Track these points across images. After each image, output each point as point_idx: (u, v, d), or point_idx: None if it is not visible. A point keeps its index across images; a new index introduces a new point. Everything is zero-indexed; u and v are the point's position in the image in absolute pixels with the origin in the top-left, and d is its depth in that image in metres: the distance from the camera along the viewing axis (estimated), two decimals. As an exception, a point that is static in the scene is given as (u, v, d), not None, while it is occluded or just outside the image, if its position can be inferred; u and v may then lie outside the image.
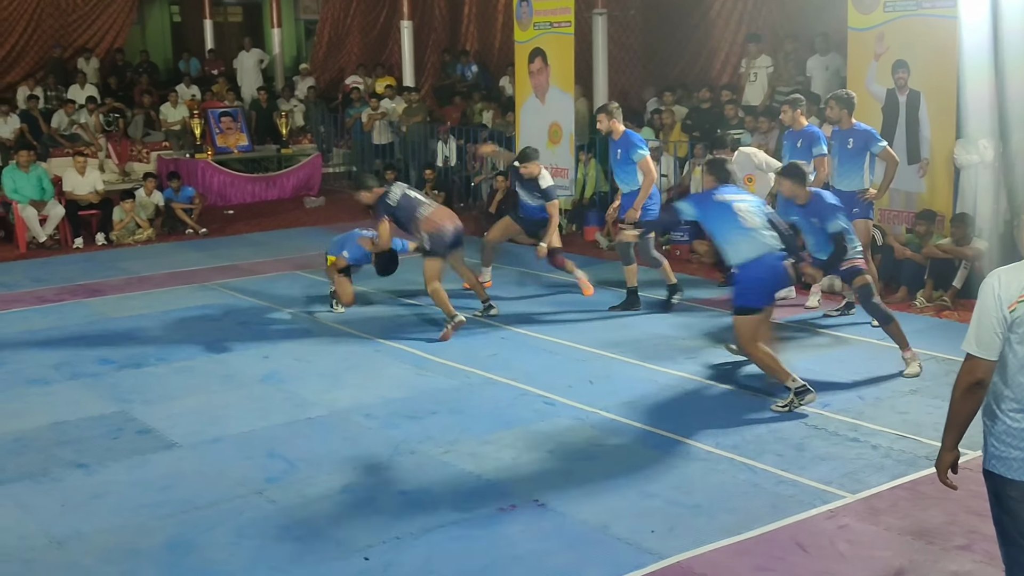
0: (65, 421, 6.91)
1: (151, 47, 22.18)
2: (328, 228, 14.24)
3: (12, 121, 16.32)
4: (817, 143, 9.21)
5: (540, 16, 13.49)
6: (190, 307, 9.97)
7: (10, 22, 19.76)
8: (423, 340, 8.64)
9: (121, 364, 8.17)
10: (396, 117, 16.86)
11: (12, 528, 5.35)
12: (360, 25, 20.36)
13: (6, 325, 9.41)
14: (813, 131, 9.32)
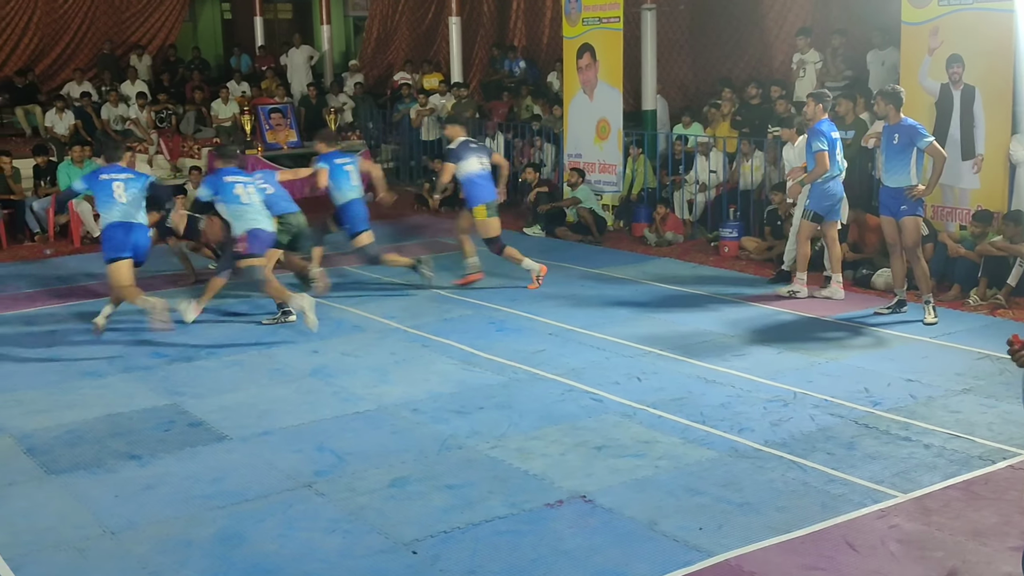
0: (119, 413, 7.02)
1: (202, 44, 22.41)
2: (376, 222, 14.30)
3: (67, 117, 16.58)
4: (819, 138, 9.26)
5: (589, 12, 13.46)
6: (241, 301, 10.06)
7: (65, 20, 20.06)
8: (471, 336, 8.66)
9: (173, 358, 8.28)
10: (444, 113, 16.89)
11: (68, 517, 5.44)
12: (409, 21, 20.42)
13: (62, 319, 9.57)
14: (817, 128, 9.35)
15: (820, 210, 9.48)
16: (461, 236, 10.68)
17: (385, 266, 10.60)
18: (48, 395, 7.41)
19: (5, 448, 6.42)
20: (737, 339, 8.44)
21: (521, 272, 10.47)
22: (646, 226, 12.71)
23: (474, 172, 10.38)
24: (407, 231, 13.74)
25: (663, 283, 10.43)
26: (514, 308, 9.51)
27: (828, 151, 9.28)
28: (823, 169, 9.25)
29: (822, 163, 9.25)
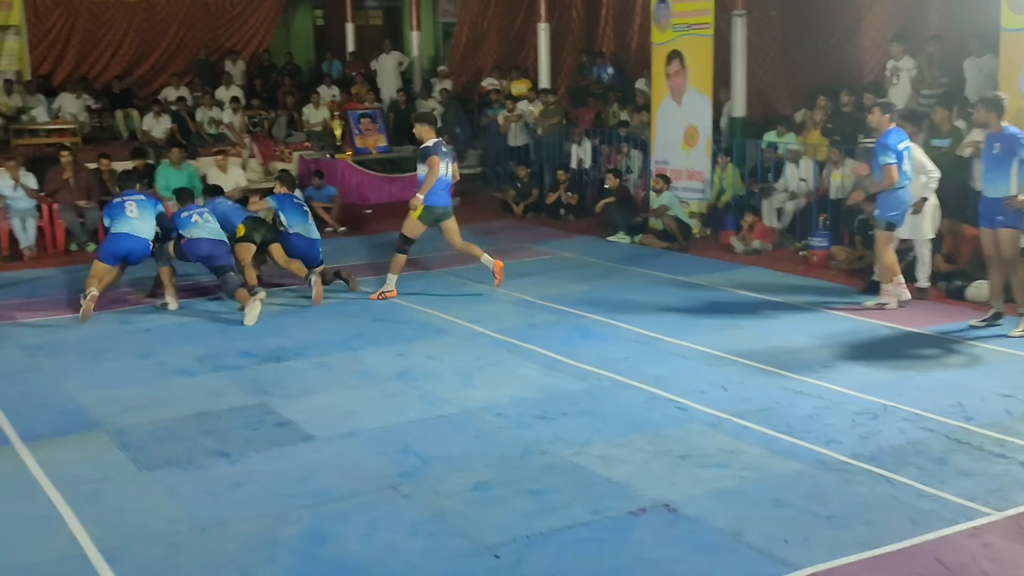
0: (209, 411, 7.17)
1: (295, 50, 22.82)
2: (462, 228, 14.38)
3: (163, 121, 17.02)
4: (885, 151, 9.16)
5: (678, 18, 13.37)
6: (328, 304, 10.21)
7: (162, 27, 20.62)
8: (555, 341, 8.66)
9: (262, 358, 8.43)
10: (532, 119, 16.94)
11: (160, 512, 5.57)
12: (497, 27, 20.53)
13: (157, 317, 9.82)
14: (883, 141, 9.22)
15: (891, 219, 9.33)
16: (461, 247, 10.72)
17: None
18: (142, 392, 7.60)
19: (101, 443, 6.60)
20: (826, 350, 8.30)
21: (609, 278, 10.44)
22: (733, 234, 12.58)
23: (441, 175, 10.46)
24: (491, 236, 13.80)
25: (750, 292, 10.31)
26: (599, 315, 9.49)
27: (896, 163, 9.13)
28: (890, 182, 9.13)
29: (889, 176, 9.13)
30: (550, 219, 14.88)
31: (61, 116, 17.67)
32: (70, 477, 6.02)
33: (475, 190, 17.76)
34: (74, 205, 13.16)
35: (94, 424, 6.93)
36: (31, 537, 5.29)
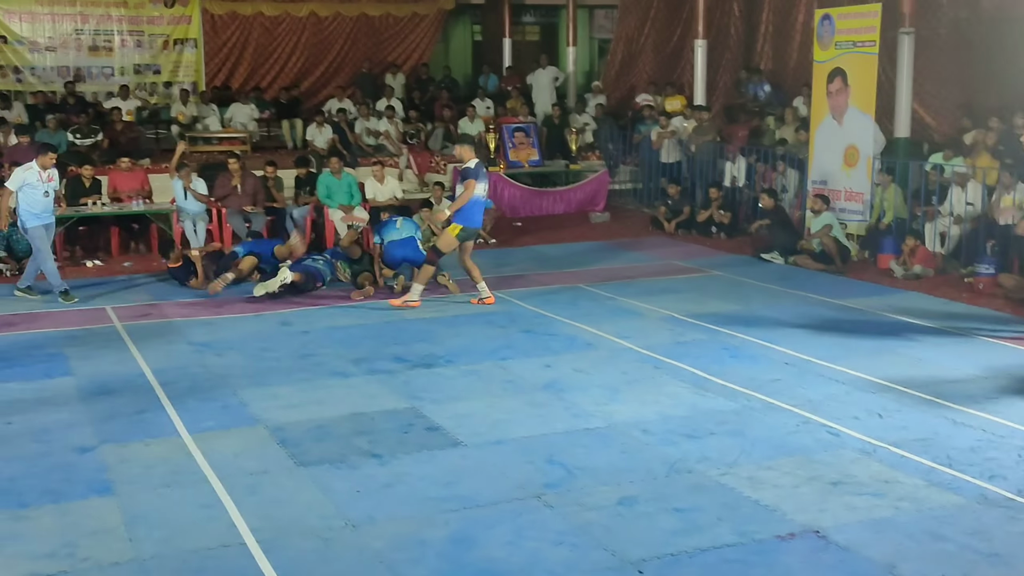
0: (362, 413, 7.37)
1: (453, 63, 23.26)
2: (612, 243, 14.45)
3: (325, 131, 17.59)
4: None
5: (842, 35, 13.09)
6: (478, 313, 10.37)
7: (329, 41, 21.32)
8: (704, 360, 8.57)
9: (413, 363, 8.62)
10: (685, 135, 16.83)
11: (314, 507, 5.76)
12: (654, 43, 20.47)
13: (315, 320, 10.15)
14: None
15: None
16: (466, 265, 10.83)
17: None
18: (300, 391, 7.88)
19: (260, 438, 6.86)
20: (990, 381, 7.97)
21: (761, 298, 10.27)
22: (893, 257, 12.20)
23: (477, 196, 10.55)
24: (641, 252, 13.76)
25: (910, 318, 9.99)
26: (750, 335, 9.35)
27: None
28: None
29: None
30: (701, 237, 14.74)
31: (232, 125, 18.46)
32: (232, 469, 6.29)
33: (626, 205, 17.76)
34: (241, 210, 13.72)
35: (255, 419, 7.22)
36: (194, 524, 5.54)
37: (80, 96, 18.47)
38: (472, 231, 10.83)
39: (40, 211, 10.96)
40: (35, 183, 10.89)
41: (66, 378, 8.25)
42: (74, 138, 15.97)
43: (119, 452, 6.60)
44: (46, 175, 11.00)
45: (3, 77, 19.15)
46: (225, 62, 20.68)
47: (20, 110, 17.59)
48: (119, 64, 19.81)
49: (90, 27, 19.68)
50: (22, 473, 6.27)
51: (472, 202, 10.55)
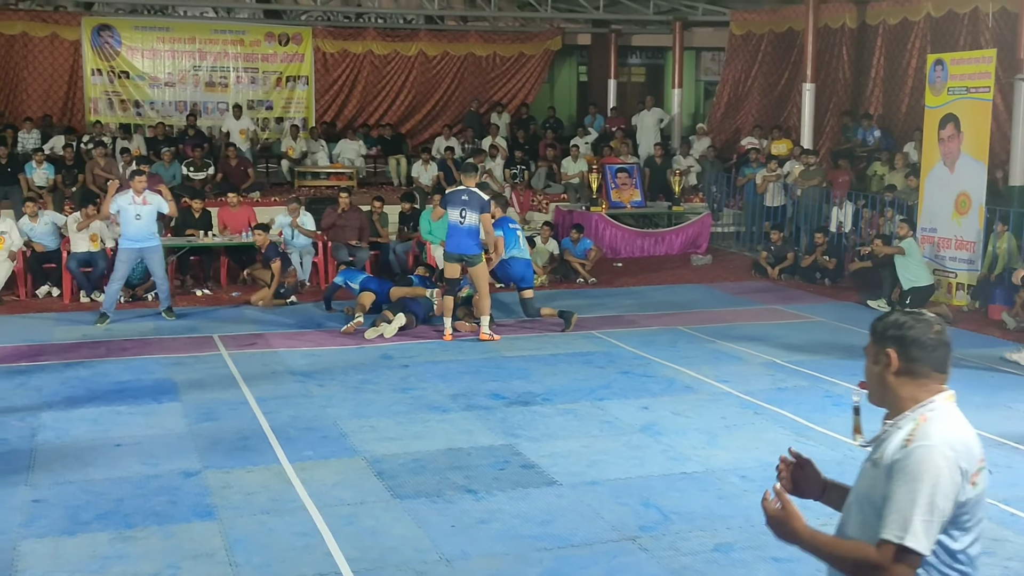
0: (459, 448, 7.42)
1: (558, 103, 23.45)
2: (713, 286, 14.32)
3: (431, 169, 17.87)
4: None
5: (956, 80, 12.83)
6: (576, 352, 10.37)
7: (436, 79, 21.70)
8: (806, 408, 8.42)
9: (511, 400, 8.65)
10: (791, 179, 16.65)
11: (409, 540, 5.81)
12: (761, 87, 20.35)
13: (415, 354, 10.27)
14: None
15: None
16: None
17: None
18: (398, 424, 7.97)
19: (359, 469, 6.96)
20: (1107, 440, 7.66)
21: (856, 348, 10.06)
22: (1005, 309, 11.84)
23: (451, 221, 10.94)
24: (742, 296, 13.61)
25: (1022, 373, 9.67)
26: (853, 383, 9.13)
27: None
28: None
29: None
30: (805, 282, 14.52)
31: (339, 161, 18.88)
32: (330, 498, 6.39)
33: (729, 248, 17.61)
34: (346, 243, 13.99)
35: (353, 451, 7.32)
36: (293, 551, 5.64)
37: (198, 130, 19.10)
38: (451, 255, 11.01)
39: (132, 234, 11.47)
40: (127, 207, 11.43)
41: (174, 403, 8.50)
42: (188, 171, 16.52)
43: (222, 478, 6.76)
44: (140, 199, 11.46)
45: (124, 111, 19.92)
46: (335, 99, 21.19)
47: (139, 142, 18.27)
48: (234, 100, 20.45)
49: (207, 64, 20.39)
50: (129, 494, 6.46)
51: (449, 227, 11.01)
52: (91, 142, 17.19)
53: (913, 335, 2.84)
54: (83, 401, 8.51)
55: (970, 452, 2.73)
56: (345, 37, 21.10)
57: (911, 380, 2.85)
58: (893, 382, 2.87)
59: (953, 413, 2.81)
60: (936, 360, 2.84)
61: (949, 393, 2.86)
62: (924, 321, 2.87)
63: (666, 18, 21.41)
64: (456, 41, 21.81)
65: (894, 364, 2.86)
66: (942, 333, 2.86)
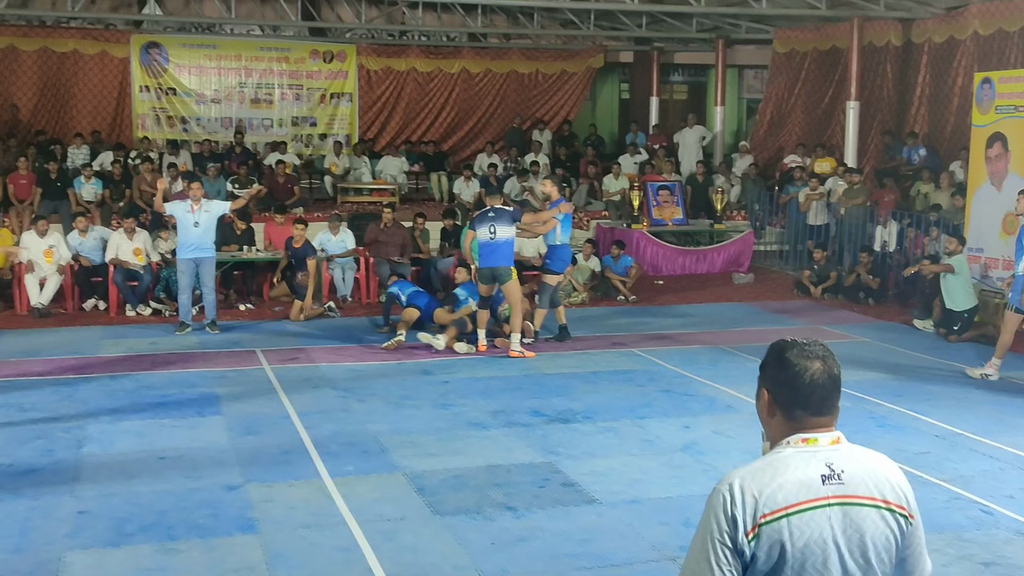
0: (498, 465, 7.41)
1: (599, 121, 23.47)
2: (755, 305, 14.23)
3: (473, 185, 17.93)
4: None
5: (1003, 99, 12.69)
6: (617, 370, 10.34)
7: (479, 97, 21.83)
8: (849, 428, 8.30)
9: (551, 418, 8.64)
10: (835, 198, 16.53)
11: (448, 557, 5.81)
12: (804, 105, 20.24)
13: (456, 370, 10.29)
14: None
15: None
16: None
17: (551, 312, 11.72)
18: (438, 440, 7.98)
19: (399, 485, 6.98)
20: None
21: (911, 367, 9.96)
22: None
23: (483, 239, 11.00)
24: (785, 315, 13.51)
25: None
26: (898, 404, 9.06)
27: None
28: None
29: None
30: (848, 302, 14.39)
31: (382, 177, 19.01)
32: (370, 514, 6.41)
33: (771, 267, 17.50)
34: (389, 259, 14.06)
35: (394, 466, 7.34)
36: (333, 566, 5.66)
37: (244, 147, 19.31)
38: (483, 272, 11.08)
39: (190, 242, 11.66)
40: (185, 214, 11.65)
41: (216, 417, 8.57)
42: (233, 187, 16.70)
43: (264, 492, 6.80)
44: (196, 206, 11.62)
45: (171, 127, 20.21)
46: (378, 115, 21.37)
47: (186, 157, 18.51)
48: (278, 116, 20.69)
49: (253, 81, 20.65)
50: (172, 507, 6.52)
51: (480, 245, 11.09)
52: (139, 158, 17.44)
53: (786, 376, 2.59)
54: (128, 413, 8.61)
55: (758, 503, 2.47)
56: (389, 54, 21.28)
57: (785, 422, 2.60)
58: (766, 421, 2.66)
59: (792, 460, 2.52)
60: (813, 403, 2.57)
61: (826, 437, 2.57)
62: (806, 358, 2.59)
63: (709, 36, 21.38)
64: (499, 58, 21.92)
65: (765, 404, 2.65)
66: (823, 372, 2.59)
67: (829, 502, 2.51)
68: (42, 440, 7.86)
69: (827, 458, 2.55)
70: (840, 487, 2.53)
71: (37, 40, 19.31)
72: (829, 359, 2.64)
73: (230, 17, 19.59)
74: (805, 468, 2.52)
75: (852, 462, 2.58)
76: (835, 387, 2.62)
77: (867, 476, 2.57)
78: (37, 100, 19.44)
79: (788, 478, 2.50)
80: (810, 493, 2.50)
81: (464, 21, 21.42)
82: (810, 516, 2.49)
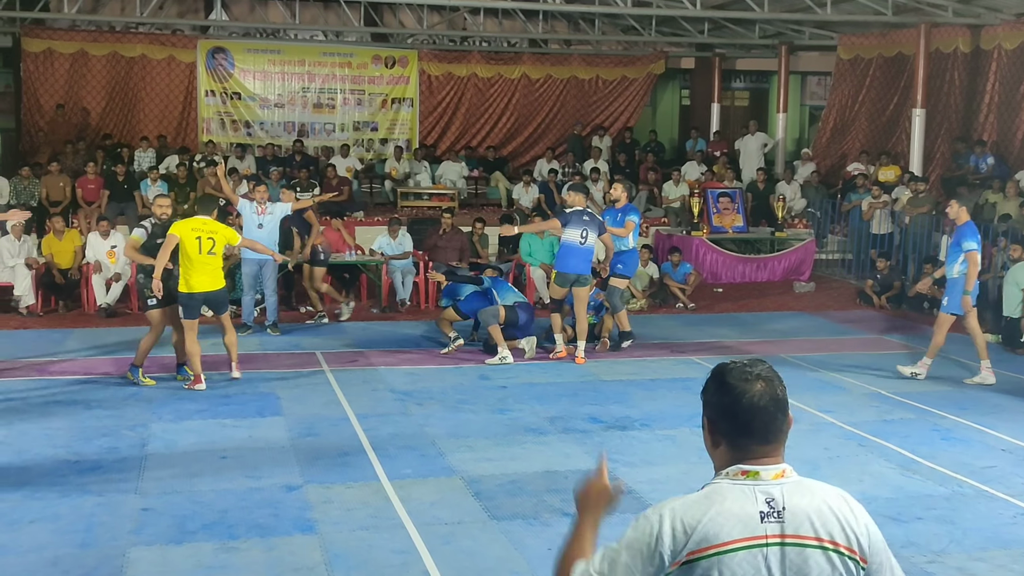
0: (555, 471, 7.40)
1: (659, 127, 23.37)
2: (816, 314, 14.07)
3: (532, 191, 17.95)
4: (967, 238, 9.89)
5: (1074, 106, 12.41)
6: (675, 378, 10.28)
7: (539, 102, 21.83)
8: (913, 441, 8.20)
9: (608, 424, 8.61)
10: (899, 207, 16.28)
11: (506, 562, 5.82)
12: (868, 112, 19.96)
13: (512, 376, 10.30)
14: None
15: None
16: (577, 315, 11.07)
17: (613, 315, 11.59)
18: (495, 445, 7.99)
19: (456, 489, 7.00)
20: None
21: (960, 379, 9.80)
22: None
23: (572, 242, 10.83)
24: (847, 325, 13.34)
25: None
26: (963, 417, 8.90)
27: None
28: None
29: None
30: (912, 312, 14.16)
31: (442, 182, 19.10)
32: (427, 517, 6.43)
33: (833, 276, 17.29)
34: (447, 264, 14.12)
35: (451, 470, 7.37)
36: (391, 568, 5.70)
37: (305, 153, 19.52)
38: (569, 277, 10.91)
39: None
40: (250, 215, 11.83)
41: (276, 418, 8.67)
42: (294, 191, 16.86)
43: (323, 493, 6.87)
44: (262, 209, 11.79)
45: (235, 131, 20.49)
46: (439, 120, 21.47)
47: (251, 161, 18.76)
48: (340, 121, 20.88)
49: (316, 86, 20.86)
50: (233, 506, 6.60)
51: (567, 248, 10.87)
52: (203, 161, 17.70)
53: (726, 401, 2.44)
54: (191, 413, 8.74)
55: (689, 538, 2.35)
56: (450, 60, 21.38)
57: (728, 452, 2.46)
58: (711, 453, 2.51)
59: (729, 493, 2.38)
60: (756, 429, 2.41)
61: (769, 470, 2.39)
62: (745, 380, 2.43)
63: (771, 42, 21.20)
64: (559, 64, 21.92)
65: (708, 435, 2.51)
66: (764, 394, 2.41)
67: (767, 541, 2.34)
68: (107, 437, 8.01)
69: (767, 493, 2.38)
70: (779, 525, 2.36)
71: (107, 45, 19.70)
72: (773, 380, 2.45)
73: (294, 23, 19.84)
74: (743, 503, 2.37)
75: (797, 498, 2.39)
76: (779, 410, 2.43)
77: (813, 513, 2.38)
78: (106, 104, 19.82)
79: (723, 512, 2.36)
80: (745, 531, 2.34)
81: (525, 27, 21.48)
82: (744, 556, 2.34)
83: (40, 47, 19.23)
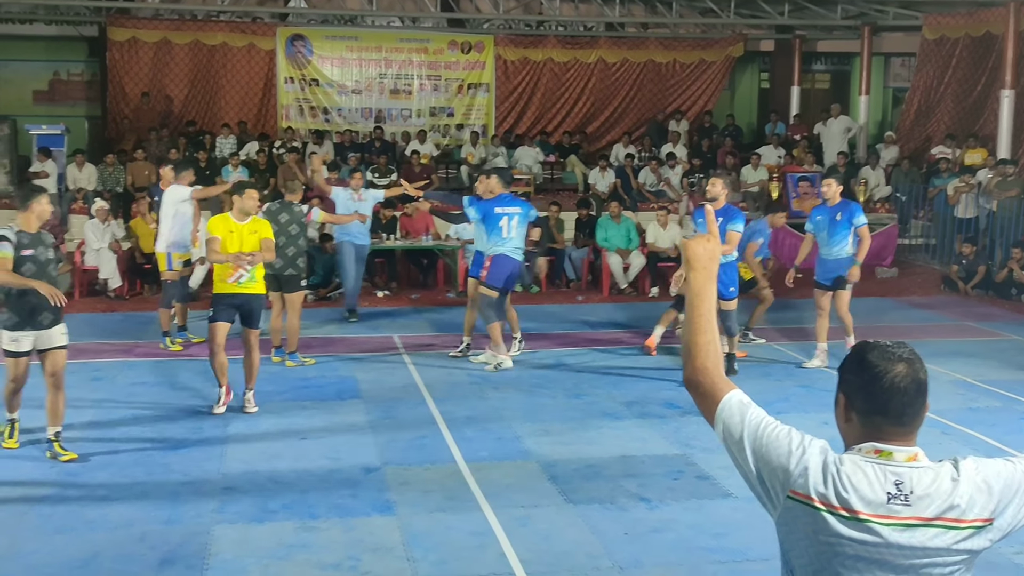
0: (632, 456, 7.39)
1: (738, 111, 23.04)
2: (899, 300, 13.80)
3: (608, 176, 17.86)
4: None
5: None
6: (753, 364, 10.21)
7: (615, 86, 21.67)
8: (999, 430, 8.01)
9: (685, 410, 8.54)
10: (986, 191, 15.87)
11: (582, 546, 5.82)
12: (954, 93, 19.46)
13: (590, 360, 10.29)
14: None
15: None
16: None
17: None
18: (571, 429, 7.99)
19: (532, 472, 7.02)
20: None
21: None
22: None
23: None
24: (930, 311, 13.06)
25: None
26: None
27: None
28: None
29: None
30: (999, 298, 13.81)
31: (517, 167, 19.09)
32: (504, 500, 6.46)
33: (917, 260, 16.93)
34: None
35: (527, 454, 7.39)
36: (468, 550, 5.74)
37: (383, 139, 19.66)
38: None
39: (350, 229, 11.96)
40: (347, 202, 12.00)
41: (355, 400, 8.77)
42: (372, 177, 17.03)
43: (401, 474, 6.94)
44: (357, 195, 11.93)
45: (314, 117, 20.71)
46: (515, 106, 21.43)
47: (328, 147, 18.96)
48: (416, 107, 20.97)
49: (392, 72, 20.96)
50: (313, 487, 6.70)
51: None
52: (283, 147, 17.94)
53: (864, 379, 2.38)
54: (271, 395, 8.88)
55: (824, 476, 2.34)
56: (526, 45, 21.33)
57: (860, 428, 2.40)
58: (842, 428, 2.46)
59: (860, 469, 2.32)
60: (892, 409, 2.35)
61: (902, 452, 2.36)
62: (888, 360, 2.37)
63: (854, 23, 20.77)
64: (636, 48, 21.73)
65: (841, 409, 2.46)
66: (906, 376, 2.35)
67: (890, 522, 2.31)
68: (192, 418, 8.19)
69: (897, 474, 2.34)
70: (906, 508, 2.31)
71: (189, 34, 20.04)
72: (915, 362, 2.39)
73: (371, 9, 19.95)
74: (871, 481, 2.33)
75: (926, 482, 2.34)
76: (919, 394, 2.37)
77: (939, 496, 2.34)
78: (188, 91, 20.17)
79: (853, 483, 2.32)
80: (868, 509, 2.31)
81: (601, 11, 21.33)
82: (859, 526, 2.31)
83: (125, 36, 19.63)
